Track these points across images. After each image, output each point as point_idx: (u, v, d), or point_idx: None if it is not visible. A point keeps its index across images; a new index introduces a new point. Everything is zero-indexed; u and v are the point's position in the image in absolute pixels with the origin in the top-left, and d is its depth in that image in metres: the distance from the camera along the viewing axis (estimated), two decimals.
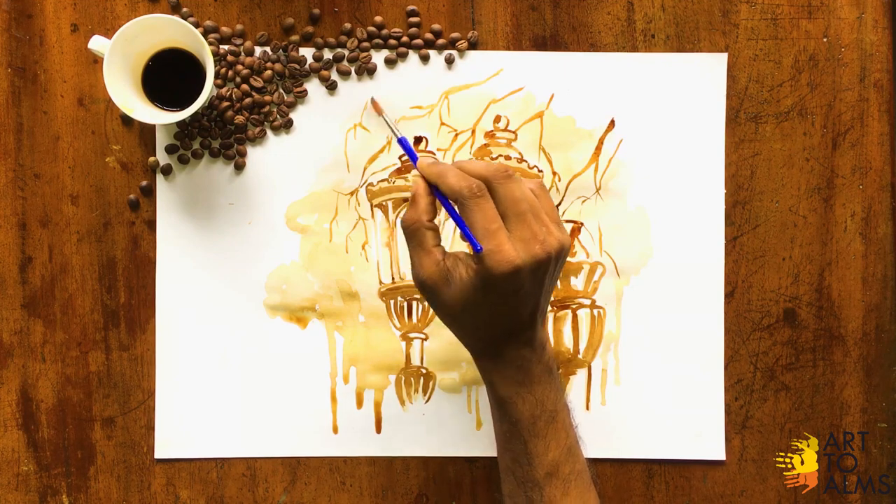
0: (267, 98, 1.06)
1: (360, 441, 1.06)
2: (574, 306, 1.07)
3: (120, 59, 0.99)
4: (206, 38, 1.03)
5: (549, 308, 1.07)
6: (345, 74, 1.07)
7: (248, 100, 1.06)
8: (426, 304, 1.06)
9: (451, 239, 1.06)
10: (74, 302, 1.06)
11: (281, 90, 1.06)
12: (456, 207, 0.89)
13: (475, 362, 0.94)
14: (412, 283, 1.06)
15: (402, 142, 0.97)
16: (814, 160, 1.07)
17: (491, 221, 0.86)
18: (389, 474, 1.07)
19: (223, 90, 1.05)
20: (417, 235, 0.89)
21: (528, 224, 0.87)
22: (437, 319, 1.06)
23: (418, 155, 0.96)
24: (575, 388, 1.07)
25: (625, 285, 1.07)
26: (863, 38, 1.07)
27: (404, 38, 1.07)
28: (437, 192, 0.90)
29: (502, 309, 0.89)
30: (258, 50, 1.06)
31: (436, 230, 0.90)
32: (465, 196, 0.87)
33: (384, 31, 1.07)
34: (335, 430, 1.06)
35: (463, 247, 1.04)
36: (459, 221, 0.88)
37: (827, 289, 1.07)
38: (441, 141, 1.07)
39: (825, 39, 1.07)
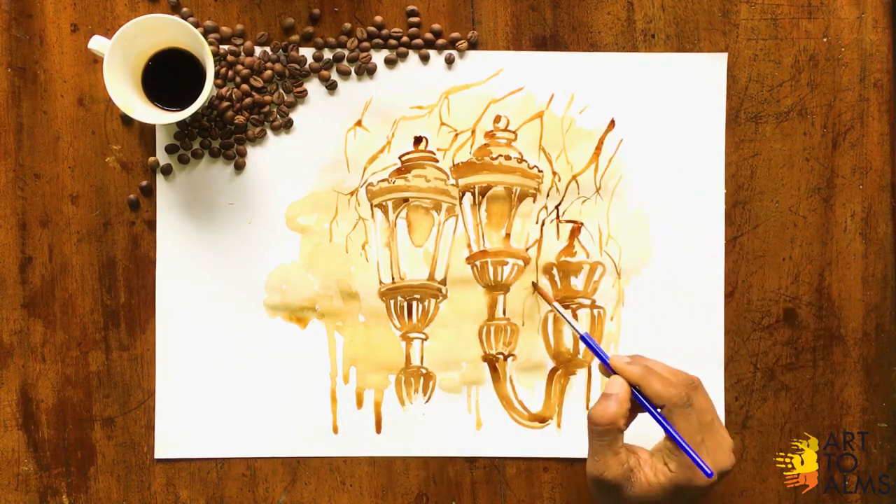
0: (267, 98, 1.06)
1: (360, 441, 1.06)
2: (574, 306, 1.07)
3: (120, 59, 0.99)
4: (206, 38, 1.03)
5: (549, 309, 1.07)
6: (345, 74, 1.07)
7: (248, 100, 1.06)
8: (426, 304, 1.06)
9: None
10: (74, 302, 1.06)
11: (281, 90, 1.06)
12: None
13: None
14: (412, 282, 1.07)
15: (584, 339, 0.98)
16: (814, 160, 1.07)
17: (696, 432, 0.90)
18: (389, 474, 1.07)
19: (223, 90, 1.05)
20: (610, 436, 0.91)
21: (715, 432, 0.91)
22: (437, 319, 1.06)
23: (603, 351, 0.97)
24: (575, 388, 1.07)
25: (625, 285, 1.07)
26: (863, 38, 1.07)
27: (404, 38, 1.06)
28: (636, 393, 0.92)
29: None
30: (258, 50, 1.06)
31: (623, 431, 0.92)
32: (674, 404, 0.90)
33: (384, 31, 1.07)
34: (335, 430, 1.06)
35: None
36: (671, 429, 0.90)
37: (827, 289, 1.07)
38: (441, 141, 1.07)
39: (825, 39, 1.07)
